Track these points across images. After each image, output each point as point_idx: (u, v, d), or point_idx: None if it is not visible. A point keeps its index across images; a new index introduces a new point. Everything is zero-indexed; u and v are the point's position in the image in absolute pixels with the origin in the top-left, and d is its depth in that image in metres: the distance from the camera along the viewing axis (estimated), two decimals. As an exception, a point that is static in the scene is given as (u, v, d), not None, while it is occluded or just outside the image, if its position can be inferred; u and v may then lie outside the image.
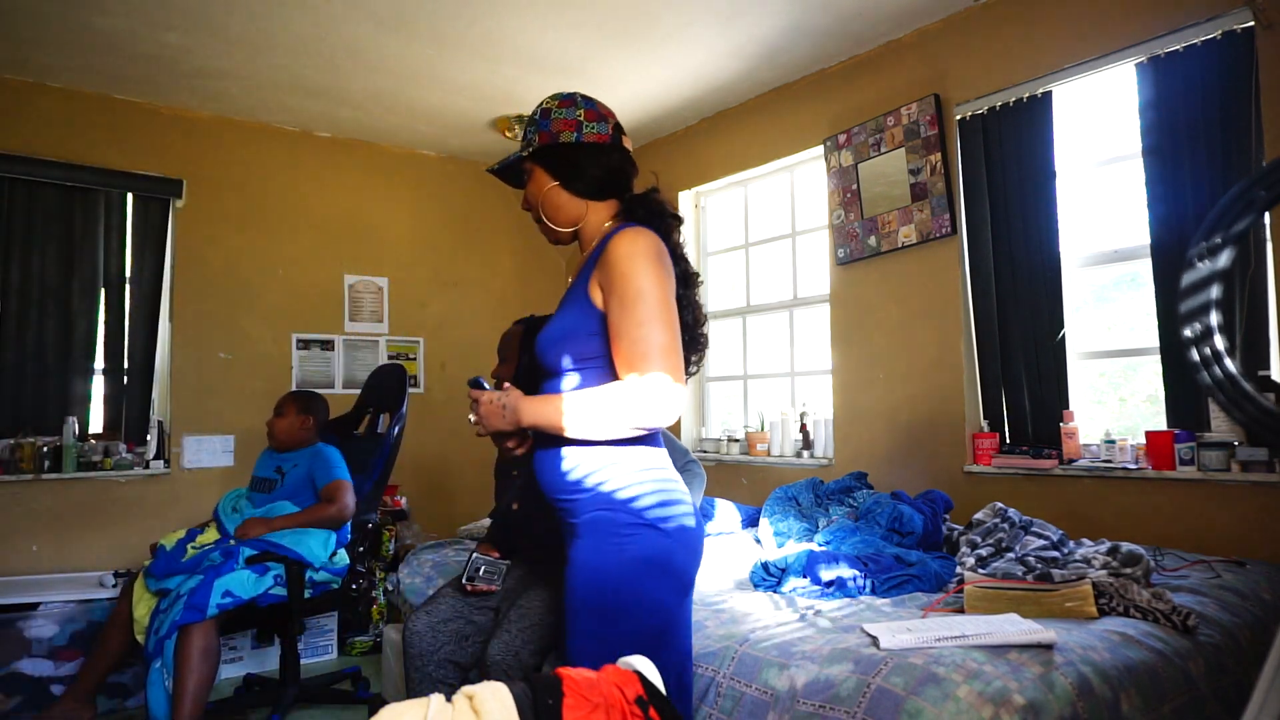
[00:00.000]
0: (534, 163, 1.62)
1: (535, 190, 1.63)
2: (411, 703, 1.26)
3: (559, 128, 1.58)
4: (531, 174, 1.63)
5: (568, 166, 1.58)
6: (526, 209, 1.68)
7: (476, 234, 5.16)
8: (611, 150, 1.60)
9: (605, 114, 1.61)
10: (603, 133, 1.59)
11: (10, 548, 3.69)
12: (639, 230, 1.49)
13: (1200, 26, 2.64)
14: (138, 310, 4.10)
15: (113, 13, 3.21)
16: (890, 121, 3.51)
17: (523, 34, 3.44)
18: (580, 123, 1.58)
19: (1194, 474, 2.63)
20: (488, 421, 1.49)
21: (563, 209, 1.60)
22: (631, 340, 1.41)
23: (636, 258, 1.45)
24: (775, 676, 1.56)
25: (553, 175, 1.59)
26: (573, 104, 1.60)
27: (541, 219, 1.64)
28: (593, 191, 1.59)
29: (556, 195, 1.60)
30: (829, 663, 1.52)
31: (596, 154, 1.58)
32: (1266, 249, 2.53)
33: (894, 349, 3.55)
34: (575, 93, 1.64)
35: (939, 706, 1.35)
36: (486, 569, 2.30)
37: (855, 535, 2.58)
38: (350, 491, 3.07)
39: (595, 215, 1.61)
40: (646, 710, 1.34)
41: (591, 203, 1.60)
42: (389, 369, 3.64)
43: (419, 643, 2.24)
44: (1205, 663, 1.75)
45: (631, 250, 1.45)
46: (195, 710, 2.59)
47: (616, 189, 1.62)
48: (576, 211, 1.60)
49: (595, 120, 1.59)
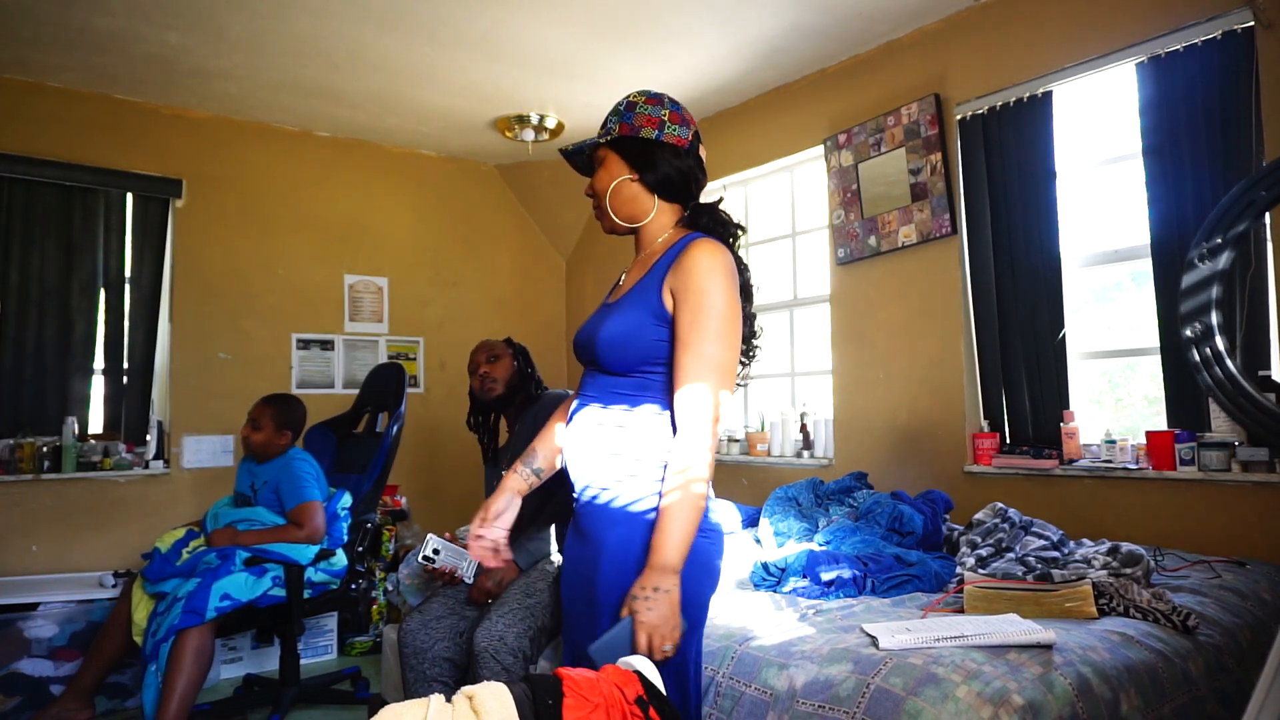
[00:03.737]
0: (610, 150, 1.62)
1: (605, 178, 1.62)
2: (411, 703, 1.26)
3: (641, 122, 1.58)
4: (604, 161, 1.63)
5: (644, 160, 1.58)
6: (590, 195, 1.67)
7: (476, 234, 5.16)
8: (688, 155, 1.61)
9: (688, 119, 1.63)
10: (683, 136, 1.60)
11: (10, 548, 3.68)
12: (715, 244, 1.52)
13: (1200, 26, 2.64)
14: (137, 310, 4.10)
15: (113, 13, 3.21)
16: (890, 121, 3.51)
17: (523, 34, 3.44)
18: (664, 121, 1.59)
19: (1194, 474, 2.63)
20: (671, 619, 1.38)
21: (632, 201, 1.61)
22: (697, 354, 1.44)
23: (715, 273, 1.47)
24: (774, 676, 1.56)
25: (628, 165, 1.59)
26: (659, 103, 1.61)
27: (605, 207, 1.63)
28: (664, 190, 1.60)
29: (627, 186, 1.60)
30: (828, 663, 1.52)
31: (673, 155, 1.59)
32: (1266, 249, 2.53)
33: (894, 349, 3.55)
34: (664, 94, 1.65)
35: (938, 707, 1.35)
36: (447, 552, 2.31)
37: (855, 535, 2.57)
38: (319, 513, 2.99)
39: (661, 216, 1.62)
40: (646, 710, 1.34)
41: (660, 201, 1.61)
42: (387, 368, 3.64)
43: (413, 641, 2.25)
44: (1205, 663, 1.75)
45: (711, 264, 1.48)
46: (181, 710, 2.56)
47: (685, 193, 1.63)
48: (643, 206, 1.61)
49: (678, 123, 1.60)
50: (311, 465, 3.12)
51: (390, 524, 4.17)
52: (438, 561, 2.29)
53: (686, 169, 1.61)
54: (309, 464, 3.12)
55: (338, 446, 3.56)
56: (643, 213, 1.61)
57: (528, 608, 2.13)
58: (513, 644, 2.03)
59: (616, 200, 1.61)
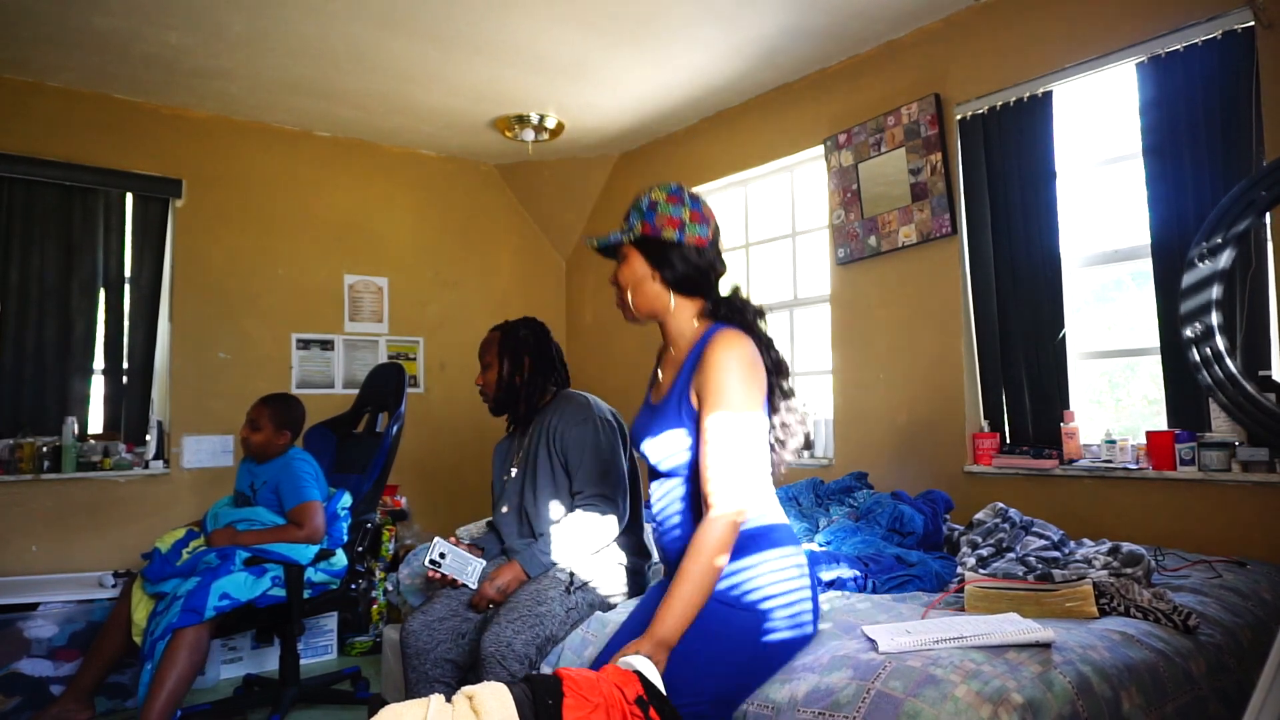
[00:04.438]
0: (633, 248, 1.71)
1: (628, 274, 1.72)
2: (411, 703, 1.26)
3: (663, 223, 1.67)
4: (627, 258, 1.72)
5: (665, 260, 1.67)
6: (614, 284, 1.77)
7: (476, 234, 5.16)
8: (708, 251, 1.69)
9: (708, 216, 1.71)
10: (703, 236, 1.68)
11: (10, 548, 3.68)
12: (733, 335, 1.61)
13: (1200, 26, 2.64)
14: (137, 310, 4.09)
15: (113, 13, 3.21)
16: (890, 121, 3.51)
17: (523, 34, 3.44)
18: (685, 222, 1.67)
19: (1194, 474, 2.63)
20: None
21: (653, 298, 1.71)
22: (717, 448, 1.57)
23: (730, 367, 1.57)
24: (776, 690, 1.55)
25: (649, 264, 1.68)
26: (680, 201, 1.68)
27: (627, 301, 1.73)
28: (683, 287, 1.69)
29: (649, 284, 1.69)
30: (829, 671, 1.52)
31: (694, 253, 1.67)
32: (1267, 249, 2.53)
33: (894, 349, 3.55)
34: (682, 188, 1.72)
35: (937, 707, 1.35)
36: (453, 558, 2.29)
37: (856, 535, 2.57)
38: (319, 513, 2.99)
39: (682, 310, 1.71)
40: (646, 710, 1.34)
41: (679, 297, 1.70)
42: (387, 368, 3.64)
43: (415, 642, 2.24)
44: (1207, 662, 1.75)
45: (725, 357, 1.58)
46: (169, 703, 2.54)
47: (706, 289, 1.71)
48: (663, 303, 1.71)
49: (699, 222, 1.68)
50: (311, 465, 3.12)
51: (390, 524, 4.17)
52: (443, 566, 2.27)
53: (706, 265, 1.69)
54: (309, 464, 3.12)
55: (337, 446, 3.56)
56: (663, 309, 1.71)
57: (538, 615, 2.09)
58: (520, 651, 2.00)
59: (638, 296, 1.71)
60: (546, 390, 2.55)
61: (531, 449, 2.47)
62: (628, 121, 4.45)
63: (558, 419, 2.43)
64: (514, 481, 2.51)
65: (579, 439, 2.36)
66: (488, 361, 2.56)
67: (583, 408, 2.43)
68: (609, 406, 2.52)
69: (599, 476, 2.33)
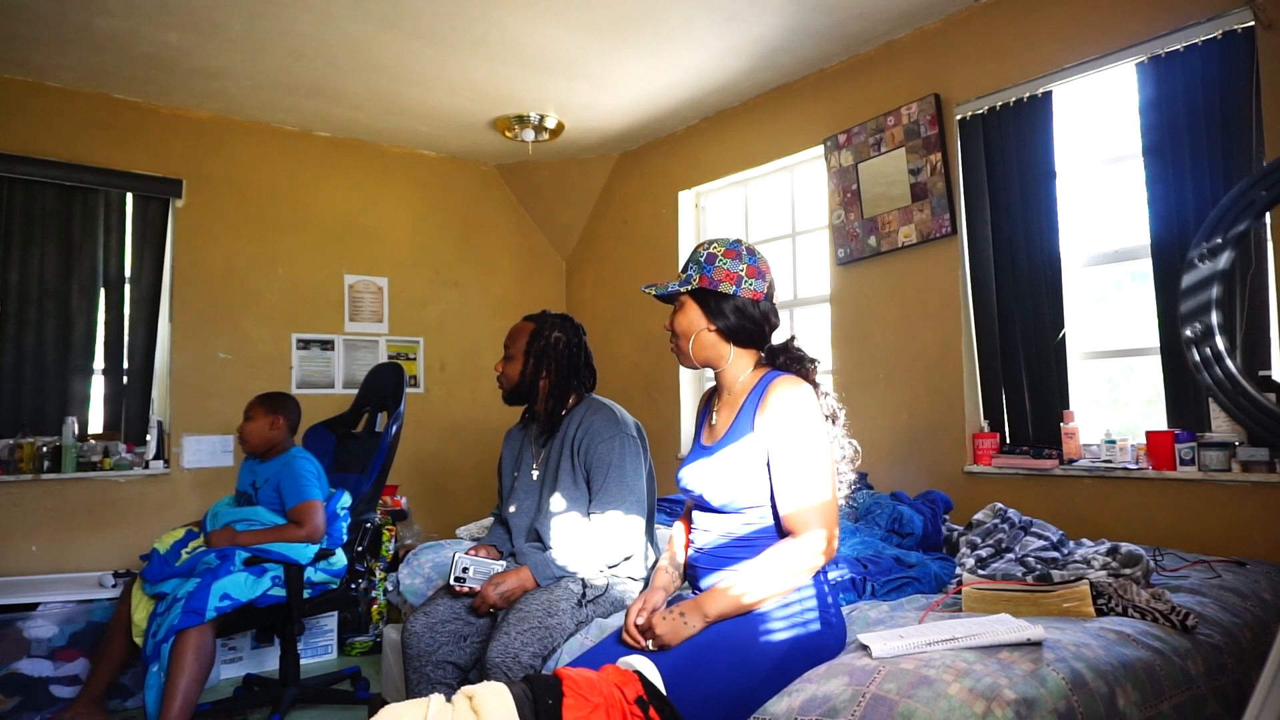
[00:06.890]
0: (690, 298, 1.76)
1: (685, 323, 1.76)
2: (411, 703, 1.26)
3: (720, 277, 1.71)
4: (684, 307, 1.77)
5: (719, 312, 1.72)
6: (669, 330, 1.81)
7: (476, 234, 5.17)
8: (762, 304, 1.74)
9: (764, 270, 1.75)
10: (759, 290, 1.73)
11: (10, 548, 3.69)
12: (794, 380, 1.68)
13: (1200, 26, 2.64)
14: (137, 310, 4.10)
15: (113, 13, 3.21)
16: (890, 121, 3.51)
17: (523, 34, 3.44)
18: (741, 277, 1.71)
19: (1194, 474, 2.63)
20: (673, 638, 1.58)
21: (710, 348, 1.76)
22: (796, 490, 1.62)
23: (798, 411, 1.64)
24: (776, 703, 1.55)
25: (706, 316, 1.74)
26: (737, 256, 1.73)
27: (685, 350, 1.78)
28: (739, 339, 1.74)
29: (705, 335, 1.74)
30: (825, 679, 1.52)
31: (750, 306, 1.72)
32: (1267, 249, 2.53)
33: (894, 349, 3.55)
34: (740, 243, 1.76)
35: (931, 706, 1.35)
36: (476, 570, 2.27)
37: (855, 536, 2.57)
38: (320, 512, 2.99)
39: (739, 360, 1.76)
40: (646, 710, 1.34)
41: (735, 348, 1.75)
42: (386, 368, 3.64)
43: (417, 643, 2.23)
44: (1204, 662, 1.75)
45: (792, 402, 1.64)
46: (185, 709, 2.56)
47: (760, 340, 1.77)
48: (720, 353, 1.76)
49: (755, 277, 1.72)
50: (313, 464, 3.12)
51: (390, 524, 4.17)
52: (468, 581, 2.26)
53: (760, 318, 1.74)
54: (310, 463, 3.12)
55: (337, 446, 3.56)
56: (719, 359, 1.76)
57: (548, 628, 2.05)
58: (526, 662, 1.97)
59: (697, 346, 1.76)
60: (570, 394, 2.47)
61: (554, 457, 2.42)
62: (628, 121, 4.45)
63: (583, 432, 2.36)
64: (532, 485, 2.46)
65: (604, 455, 2.31)
66: (512, 353, 2.47)
67: (611, 423, 2.35)
68: (633, 419, 2.47)
69: (621, 493, 2.29)
